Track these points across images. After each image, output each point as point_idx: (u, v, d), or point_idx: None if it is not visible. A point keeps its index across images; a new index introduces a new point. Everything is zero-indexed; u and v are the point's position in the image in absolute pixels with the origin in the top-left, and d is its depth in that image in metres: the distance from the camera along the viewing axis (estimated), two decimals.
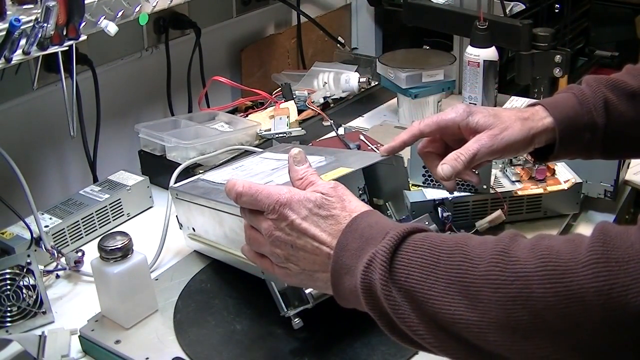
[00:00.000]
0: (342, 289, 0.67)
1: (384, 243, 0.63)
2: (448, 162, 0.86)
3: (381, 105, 1.68)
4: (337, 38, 1.84)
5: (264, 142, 1.39)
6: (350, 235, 0.67)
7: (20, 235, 1.09)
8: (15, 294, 0.98)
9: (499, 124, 0.87)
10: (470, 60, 1.42)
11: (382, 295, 0.62)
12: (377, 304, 0.63)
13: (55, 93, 1.22)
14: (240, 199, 0.74)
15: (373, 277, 0.62)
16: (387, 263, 0.62)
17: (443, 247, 0.61)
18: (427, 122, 0.90)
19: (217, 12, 1.59)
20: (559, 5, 1.92)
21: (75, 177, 1.38)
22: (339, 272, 0.67)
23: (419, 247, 0.62)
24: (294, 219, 0.70)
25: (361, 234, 0.67)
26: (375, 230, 0.66)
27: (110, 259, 0.90)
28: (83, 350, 0.94)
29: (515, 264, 0.56)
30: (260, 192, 0.73)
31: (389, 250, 0.62)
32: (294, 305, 0.85)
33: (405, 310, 0.61)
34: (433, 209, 1.09)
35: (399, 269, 0.62)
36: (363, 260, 0.64)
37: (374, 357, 0.86)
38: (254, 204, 0.73)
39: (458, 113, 0.89)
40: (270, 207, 0.71)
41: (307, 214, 0.70)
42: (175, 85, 1.52)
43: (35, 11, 1.02)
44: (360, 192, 1.06)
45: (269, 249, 0.73)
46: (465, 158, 0.85)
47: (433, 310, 0.59)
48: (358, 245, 0.66)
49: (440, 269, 0.60)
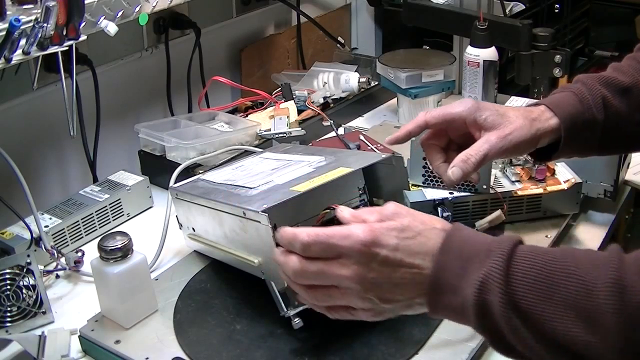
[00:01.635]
0: (441, 307, 0.66)
1: (494, 264, 0.63)
2: (457, 165, 0.85)
3: (381, 105, 1.68)
4: (337, 38, 1.84)
5: (264, 142, 1.39)
6: (448, 255, 0.66)
7: (20, 235, 1.09)
8: (15, 294, 0.98)
9: (507, 123, 0.87)
10: (470, 60, 1.42)
11: (500, 316, 0.62)
12: (492, 323, 0.63)
13: (55, 93, 1.22)
14: (309, 249, 0.68)
15: (490, 299, 0.62)
16: (504, 286, 0.62)
17: (555, 269, 0.61)
18: (434, 113, 0.89)
19: (217, 12, 1.59)
20: (559, 5, 1.92)
21: (75, 177, 1.38)
22: (437, 292, 0.66)
23: (531, 267, 0.62)
24: (386, 254, 0.66)
25: (460, 253, 0.65)
26: (473, 248, 0.65)
27: (110, 259, 0.90)
28: (83, 350, 0.94)
29: (633, 294, 0.57)
30: (333, 236, 0.67)
31: (503, 273, 0.62)
32: (294, 305, 0.85)
33: (521, 329, 0.61)
34: (433, 209, 1.09)
35: (516, 291, 0.61)
36: (470, 280, 0.63)
37: (374, 357, 0.86)
38: (330, 250, 0.68)
39: (466, 107, 0.88)
40: (354, 250, 0.66)
41: (397, 243, 0.67)
42: (175, 85, 1.52)
43: (35, 11, 1.02)
44: (360, 192, 1.06)
45: (358, 297, 0.68)
46: (476, 159, 0.85)
47: (551, 330, 0.60)
48: (459, 264, 0.65)
49: (555, 292, 0.60)
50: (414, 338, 0.88)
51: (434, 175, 1.12)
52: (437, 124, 0.90)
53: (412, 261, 0.66)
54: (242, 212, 0.89)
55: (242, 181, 1.01)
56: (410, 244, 0.67)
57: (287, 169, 1.02)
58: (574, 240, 1.13)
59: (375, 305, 0.69)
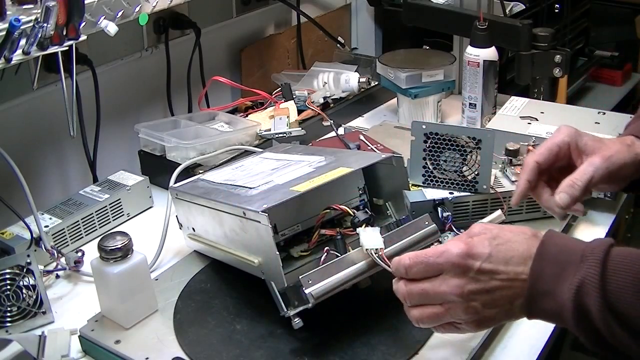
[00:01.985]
0: (539, 311, 0.70)
1: (590, 269, 0.65)
2: (564, 190, 0.83)
3: (381, 105, 1.68)
4: (337, 38, 1.84)
5: (264, 142, 1.39)
6: (542, 262, 0.69)
7: (20, 235, 1.09)
8: (15, 294, 0.98)
9: (606, 147, 0.86)
10: (470, 60, 1.42)
11: (598, 319, 0.64)
12: (590, 326, 0.65)
13: (55, 93, 1.22)
14: (411, 270, 0.73)
15: (587, 303, 0.65)
16: (600, 289, 0.64)
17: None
18: (540, 152, 0.87)
19: (217, 12, 1.59)
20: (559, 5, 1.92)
21: (75, 177, 1.38)
22: (535, 297, 0.69)
23: (625, 270, 0.65)
24: (480, 264, 0.70)
25: (555, 259, 0.68)
26: (567, 253, 0.68)
27: (110, 259, 0.90)
28: (83, 350, 0.94)
29: None
30: (432, 255, 0.72)
31: (598, 277, 0.65)
32: (294, 305, 0.84)
33: (618, 330, 0.64)
34: (433, 209, 1.09)
35: (612, 294, 0.64)
36: (566, 285, 0.66)
37: (374, 356, 0.86)
38: (429, 269, 0.72)
39: (567, 134, 0.87)
40: (450, 264, 0.71)
41: (490, 251, 0.70)
42: (175, 85, 1.52)
43: (35, 11, 1.02)
44: (360, 192, 1.06)
45: (462, 310, 0.72)
46: (582, 183, 0.83)
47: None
48: (555, 270, 0.68)
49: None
50: (414, 338, 0.88)
51: (434, 175, 1.12)
52: (546, 160, 0.87)
53: (506, 268, 0.70)
54: (242, 212, 0.89)
55: (242, 181, 1.01)
56: (503, 250, 0.71)
57: (287, 169, 1.02)
58: None
59: (479, 315, 0.72)
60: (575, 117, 1.38)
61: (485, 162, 1.09)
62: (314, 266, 0.89)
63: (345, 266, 0.85)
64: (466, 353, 0.86)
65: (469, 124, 1.47)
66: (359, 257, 0.86)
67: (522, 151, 1.15)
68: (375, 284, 0.94)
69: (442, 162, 1.11)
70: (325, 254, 0.91)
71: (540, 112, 1.41)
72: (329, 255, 0.91)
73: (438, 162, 1.11)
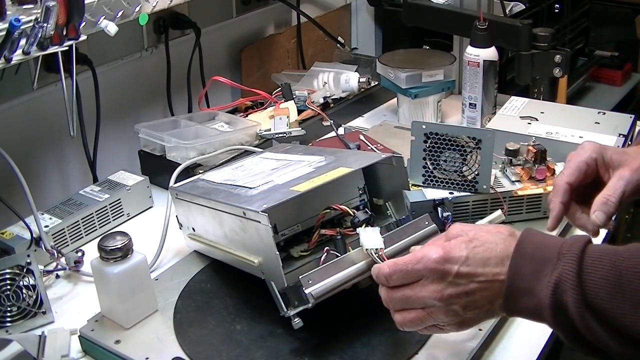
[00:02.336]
0: (518, 309, 0.70)
1: (566, 266, 0.66)
2: (599, 209, 0.82)
3: (381, 105, 1.68)
4: (337, 38, 1.84)
5: (264, 142, 1.39)
6: (520, 260, 0.69)
7: (20, 235, 1.09)
8: (15, 294, 0.98)
9: (631, 159, 0.85)
10: (470, 60, 1.42)
11: (576, 315, 0.65)
12: (568, 322, 0.66)
13: (55, 93, 1.22)
14: (391, 278, 0.74)
15: (565, 299, 0.66)
16: (577, 286, 0.65)
17: (623, 267, 0.65)
18: (569, 172, 0.86)
19: (217, 12, 1.59)
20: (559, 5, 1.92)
21: (75, 177, 1.38)
22: (514, 295, 0.69)
23: (601, 267, 0.65)
24: (458, 268, 0.71)
25: (532, 257, 0.69)
26: (544, 251, 0.69)
27: (110, 259, 0.90)
28: (83, 350, 0.94)
29: None
30: (410, 262, 0.73)
31: (575, 274, 0.65)
32: (294, 305, 0.84)
33: (596, 327, 0.65)
34: (433, 209, 1.09)
35: (589, 291, 0.65)
36: (544, 282, 0.67)
37: (374, 357, 0.86)
38: (408, 276, 0.73)
39: (593, 149, 0.87)
40: (428, 270, 0.72)
41: (467, 254, 0.71)
42: (175, 85, 1.52)
43: (35, 11, 1.02)
44: (360, 192, 1.06)
45: (443, 313, 0.73)
46: (616, 199, 0.82)
47: (623, 325, 0.63)
48: (532, 268, 0.68)
49: (626, 289, 0.64)
50: (414, 338, 0.88)
51: (434, 175, 1.12)
52: (577, 179, 0.86)
53: (483, 270, 0.71)
54: (242, 212, 0.89)
55: (242, 181, 1.01)
56: (480, 252, 0.71)
57: (287, 169, 1.02)
58: None
59: (460, 317, 0.73)
60: (575, 117, 1.38)
61: (485, 162, 1.09)
62: (314, 266, 0.89)
63: (345, 266, 0.85)
64: (466, 353, 0.86)
65: (469, 124, 1.47)
66: (359, 257, 0.86)
67: (522, 151, 1.15)
68: (375, 284, 0.93)
69: (442, 162, 1.11)
70: (325, 254, 0.91)
71: (540, 112, 1.41)
72: (329, 255, 0.91)
73: (438, 162, 1.11)
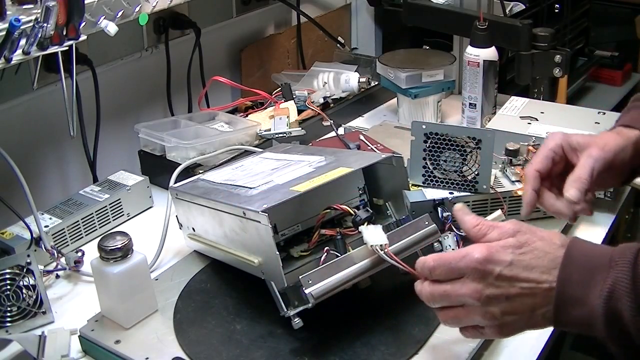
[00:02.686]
0: (568, 319, 0.69)
1: (619, 274, 0.65)
2: (572, 186, 0.84)
3: (381, 105, 1.68)
4: (337, 38, 1.84)
5: (264, 142, 1.39)
6: (570, 268, 0.69)
7: (20, 235, 1.09)
8: (15, 294, 0.98)
9: (598, 139, 0.87)
10: (470, 60, 1.43)
11: (632, 323, 0.64)
12: (622, 331, 0.65)
13: (55, 93, 1.22)
14: (434, 272, 0.73)
15: (619, 307, 0.65)
16: (632, 292, 0.64)
17: None
18: (538, 160, 0.89)
19: (217, 12, 1.59)
20: (559, 5, 1.92)
21: (75, 177, 1.38)
22: (564, 304, 0.68)
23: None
24: (500, 270, 0.70)
25: (582, 265, 0.68)
26: (595, 259, 0.68)
27: (110, 259, 0.90)
28: (83, 350, 0.94)
29: None
30: (454, 258, 0.72)
31: (630, 280, 0.65)
32: (294, 305, 0.84)
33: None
34: (433, 209, 1.09)
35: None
36: (596, 291, 0.66)
37: (374, 357, 0.86)
38: (451, 271, 0.72)
39: (557, 137, 0.89)
40: (470, 268, 0.71)
41: (512, 259, 0.70)
42: (175, 85, 1.52)
43: (35, 11, 1.02)
44: (360, 192, 1.06)
45: (480, 314, 0.72)
46: (586, 175, 0.84)
47: None
48: (583, 277, 0.68)
49: None
50: (414, 338, 0.88)
51: (434, 175, 1.12)
52: (545, 167, 0.88)
53: (528, 275, 0.70)
54: (242, 212, 0.89)
55: (242, 181, 1.01)
56: (526, 259, 0.70)
57: (287, 169, 1.02)
58: None
59: (497, 321, 0.72)
60: (575, 117, 1.38)
61: (485, 162, 1.09)
62: (314, 266, 0.89)
63: (345, 266, 0.85)
64: (466, 353, 0.86)
65: (469, 124, 1.47)
66: (363, 254, 0.86)
67: (522, 151, 1.15)
68: (375, 284, 0.94)
69: (442, 162, 1.11)
70: (325, 254, 0.91)
71: (540, 112, 1.41)
72: (329, 255, 0.91)
73: (438, 162, 1.11)
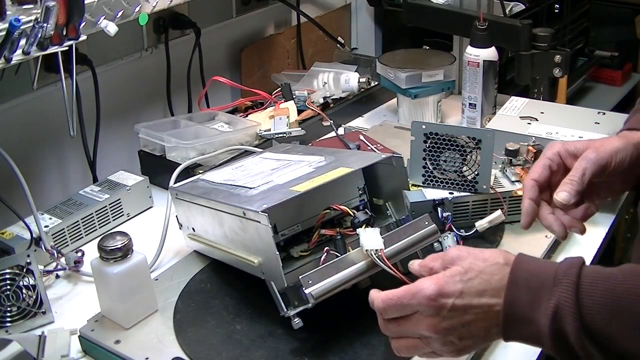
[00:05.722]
0: (517, 336, 0.71)
1: (564, 293, 0.66)
2: (561, 189, 0.83)
3: (381, 105, 1.68)
4: (337, 38, 1.84)
5: (264, 142, 1.39)
6: (516, 289, 0.69)
7: (20, 235, 1.09)
8: (15, 294, 0.98)
9: (597, 142, 0.87)
10: (470, 60, 1.43)
11: (576, 342, 0.65)
12: (568, 349, 0.66)
13: (55, 93, 1.22)
14: (385, 314, 0.74)
15: (564, 327, 0.66)
16: (576, 312, 0.65)
17: (619, 290, 0.65)
18: (535, 169, 0.88)
19: (217, 12, 1.59)
20: (559, 5, 1.92)
21: (75, 177, 1.38)
22: (511, 324, 0.70)
23: (596, 292, 0.66)
24: (452, 302, 0.71)
25: (527, 285, 0.69)
26: (539, 278, 0.69)
27: (110, 259, 0.90)
28: (83, 350, 0.94)
29: None
30: (404, 296, 0.72)
31: (573, 300, 0.65)
32: (294, 305, 0.85)
33: (595, 352, 0.65)
34: (433, 209, 1.09)
35: (585, 317, 0.65)
36: (542, 310, 0.67)
37: (374, 357, 0.86)
38: (404, 309, 0.73)
39: (555, 146, 0.89)
40: (423, 305, 0.71)
41: (461, 288, 0.71)
42: (175, 85, 1.52)
43: (35, 11, 1.02)
44: (360, 192, 1.06)
45: (439, 344, 0.73)
46: (577, 177, 0.83)
47: (622, 350, 0.64)
48: (529, 297, 0.68)
49: (623, 313, 0.64)
50: None
51: (434, 175, 1.12)
52: (543, 176, 0.88)
53: (479, 301, 0.71)
54: (242, 212, 0.89)
55: (242, 181, 1.01)
56: (475, 285, 0.71)
57: (287, 169, 1.02)
58: (574, 241, 1.13)
59: (456, 346, 0.73)
60: (575, 118, 1.38)
61: (485, 162, 1.09)
62: (314, 266, 0.89)
63: (345, 266, 0.85)
64: None
65: (469, 124, 1.47)
66: (359, 257, 0.86)
67: (522, 151, 1.15)
68: (375, 284, 0.94)
69: (442, 162, 1.11)
70: (325, 254, 0.91)
71: (540, 112, 1.41)
72: (329, 255, 0.91)
73: (438, 162, 1.11)
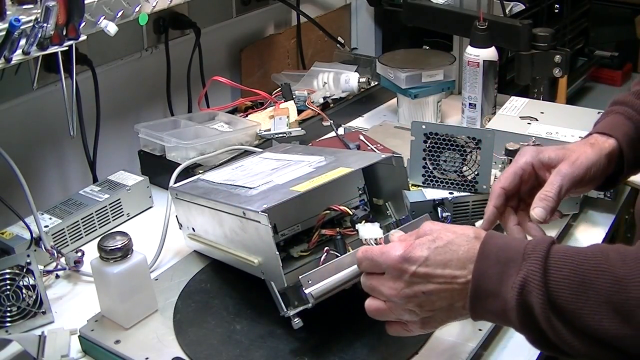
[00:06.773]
0: (483, 311, 0.70)
1: (531, 266, 0.66)
2: (538, 205, 0.83)
3: (381, 105, 1.68)
4: (337, 38, 1.84)
5: (264, 142, 1.39)
6: (485, 261, 0.69)
7: (20, 235, 1.09)
8: (15, 294, 0.98)
9: (570, 152, 0.87)
10: (470, 60, 1.42)
11: (541, 316, 0.65)
12: (534, 323, 0.66)
13: (55, 93, 1.22)
14: (361, 265, 0.76)
15: (530, 300, 0.65)
16: (543, 287, 0.65)
17: (588, 267, 0.65)
18: (505, 176, 0.88)
19: (217, 12, 1.59)
20: (559, 5, 1.92)
21: (75, 177, 1.38)
22: (479, 297, 0.69)
23: (564, 267, 0.65)
24: (415, 269, 0.71)
25: (497, 258, 0.69)
26: (509, 252, 0.69)
27: (110, 259, 0.90)
28: (83, 350, 0.94)
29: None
30: (376, 253, 0.74)
31: (541, 275, 0.65)
32: (294, 305, 0.85)
33: (560, 327, 0.65)
34: (433, 209, 1.09)
35: (553, 291, 0.65)
36: (509, 283, 0.67)
37: (374, 357, 0.86)
38: (374, 266, 0.75)
39: (528, 154, 0.88)
40: (388, 266, 0.73)
41: (427, 254, 0.71)
42: (175, 85, 1.52)
43: (35, 11, 1.02)
44: (360, 192, 1.06)
45: (401, 310, 0.73)
46: (553, 193, 0.83)
47: (587, 325, 0.63)
48: (498, 270, 0.68)
49: (589, 288, 0.64)
50: (414, 338, 0.87)
51: (434, 175, 1.12)
52: (512, 185, 0.88)
53: (442, 271, 0.71)
54: (242, 212, 0.89)
55: (242, 181, 1.01)
56: (441, 253, 0.71)
57: (287, 169, 1.02)
58: (574, 241, 1.13)
59: (418, 316, 0.73)
60: (575, 117, 1.38)
61: (485, 162, 1.09)
62: (314, 266, 0.89)
63: (345, 266, 0.85)
64: (466, 353, 0.86)
65: (469, 124, 1.47)
66: None
67: None
68: None
69: (442, 162, 1.11)
70: (325, 254, 0.91)
71: (540, 112, 1.41)
72: (329, 255, 0.91)
73: (438, 162, 1.11)
